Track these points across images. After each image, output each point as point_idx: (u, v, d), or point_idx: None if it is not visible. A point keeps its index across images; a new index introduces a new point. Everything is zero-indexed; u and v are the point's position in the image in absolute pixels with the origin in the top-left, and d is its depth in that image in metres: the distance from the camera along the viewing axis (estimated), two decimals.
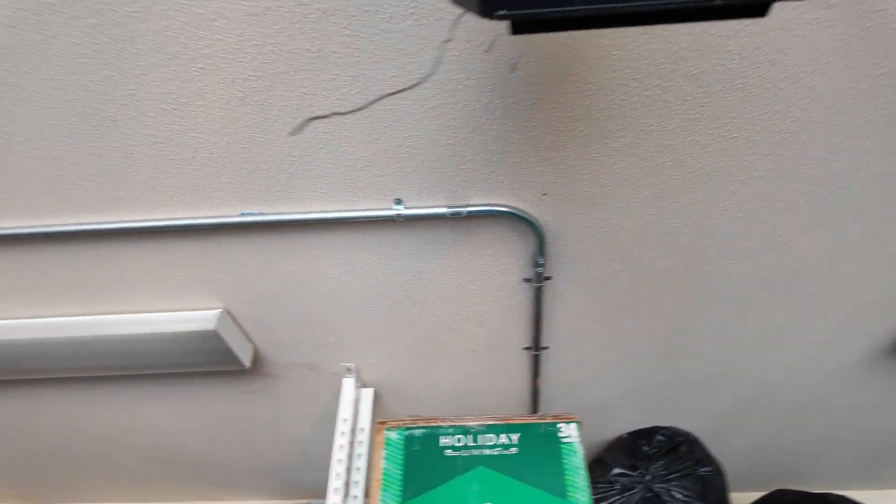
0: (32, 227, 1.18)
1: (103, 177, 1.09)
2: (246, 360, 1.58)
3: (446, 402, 1.92)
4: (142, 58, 0.89)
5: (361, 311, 1.49)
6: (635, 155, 1.07)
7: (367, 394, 1.80)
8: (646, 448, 2.00)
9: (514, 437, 1.30)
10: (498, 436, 1.30)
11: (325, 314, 1.50)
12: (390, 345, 1.64)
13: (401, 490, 1.23)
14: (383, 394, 1.89)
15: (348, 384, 1.74)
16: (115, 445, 2.30)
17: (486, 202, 1.15)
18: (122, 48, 0.87)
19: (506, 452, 1.27)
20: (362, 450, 1.65)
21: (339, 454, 1.59)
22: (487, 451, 1.28)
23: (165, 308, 1.46)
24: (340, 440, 1.62)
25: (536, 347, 1.60)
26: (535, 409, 1.93)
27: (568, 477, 1.21)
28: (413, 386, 1.86)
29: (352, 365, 1.74)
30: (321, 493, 2.72)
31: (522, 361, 1.70)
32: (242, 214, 1.18)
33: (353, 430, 1.67)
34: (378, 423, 1.36)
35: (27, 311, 1.50)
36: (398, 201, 1.15)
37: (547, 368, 1.73)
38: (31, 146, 1.03)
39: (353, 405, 1.71)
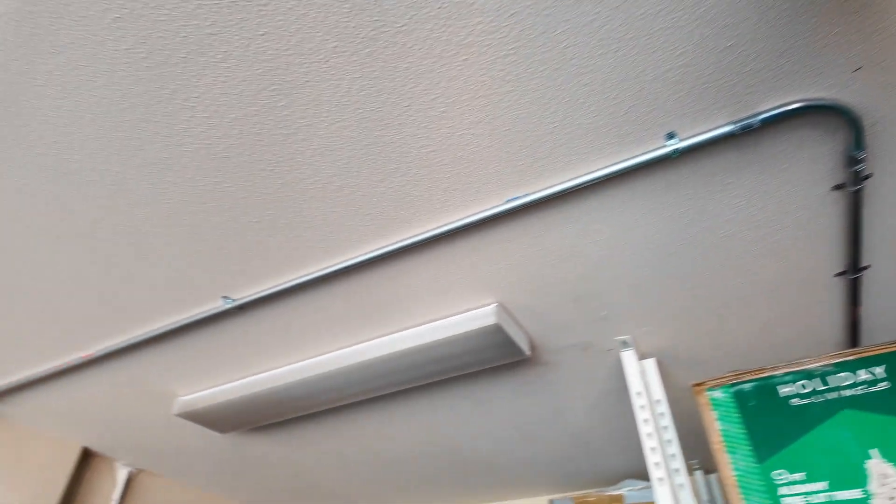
0: (336, 264, 1.35)
1: (386, 200, 1.19)
2: (526, 348, 1.60)
3: (738, 360, 1.72)
4: (411, 70, 0.94)
5: (633, 274, 1.41)
6: None
7: (650, 365, 1.69)
8: None
9: (878, 370, 1.08)
10: (855, 373, 1.10)
11: (595, 286, 1.45)
12: (668, 306, 1.52)
13: (751, 450, 1.10)
14: (666, 363, 1.76)
15: (629, 357, 1.66)
16: (409, 456, 2.52)
17: (778, 103, 0.98)
18: (394, 67, 0.94)
19: (873, 389, 1.06)
20: (666, 421, 1.55)
21: (646, 428, 1.51)
22: (848, 392, 1.08)
23: (442, 315, 1.56)
24: (643, 414, 1.53)
25: (854, 269, 1.34)
26: (854, 344, 1.62)
27: None
28: (698, 348, 1.70)
29: (627, 337, 1.65)
30: (604, 481, 2.66)
31: (834, 291, 1.44)
32: (508, 201, 1.19)
33: (651, 404, 1.57)
34: (693, 385, 1.26)
35: (322, 348, 1.72)
36: (671, 136, 1.05)
37: (869, 294, 1.44)
38: (330, 185, 1.16)
39: (640, 378, 1.62)
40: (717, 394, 1.20)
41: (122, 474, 2.56)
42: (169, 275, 1.39)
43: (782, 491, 1.02)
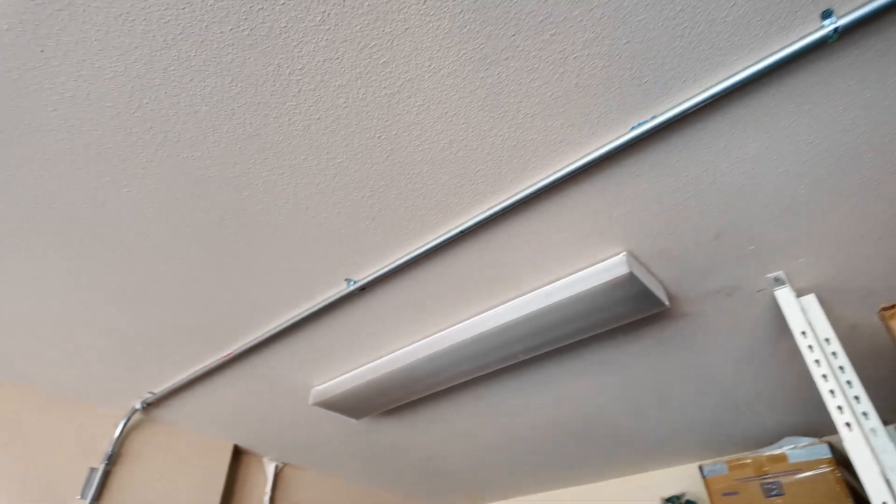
0: (451, 229, 1.30)
1: (497, 151, 1.12)
2: (664, 298, 1.46)
3: None
4: None
5: (784, 196, 1.23)
6: None
7: (811, 301, 1.48)
8: None
9: None
10: None
11: (739, 218, 1.29)
12: (828, 231, 1.32)
13: None
14: (827, 298, 1.54)
15: (785, 295, 1.46)
16: (541, 432, 2.44)
17: None
18: None
19: None
20: (842, 361, 1.35)
21: (819, 370, 1.32)
22: None
23: (567, 272, 1.46)
24: (813, 355, 1.35)
25: None
26: None
27: None
28: (865, 278, 1.47)
29: (780, 273, 1.46)
30: (757, 442, 2.43)
31: None
32: (633, 128, 1.07)
33: (820, 343, 1.38)
34: (882, 310, 1.07)
35: (445, 321, 1.68)
36: (827, 14, 0.89)
37: None
38: (438, 144, 1.11)
39: (802, 315, 1.42)
40: None
41: (270, 469, 2.72)
42: (292, 264, 1.42)
43: None
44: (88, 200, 1.21)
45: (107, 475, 2.10)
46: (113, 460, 2.14)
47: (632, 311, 1.48)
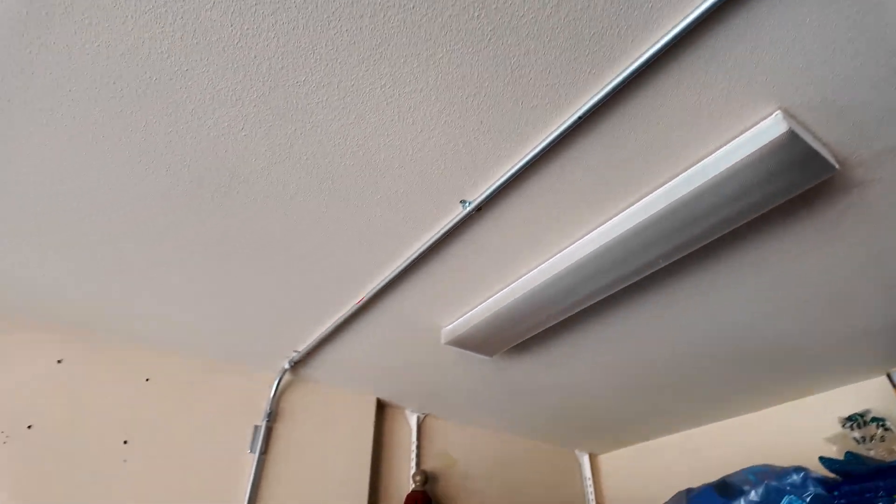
0: (566, 119, 1.18)
1: (612, 6, 0.99)
2: (831, 160, 1.23)
3: None
4: None
5: None
6: None
7: None
8: None
9: None
10: None
11: None
12: None
13: None
14: None
15: None
16: (686, 359, 2.25)
17: None
18: None
19: None
20: None
21: None
22: None
23: (710, 150, 1.28)
24: None
25: None
26: None
27: None
28: None
29: None
30: None
31: None
32: None
33: None
34: None
35: (570, 236, 1.57)
36: None
37: None
38: (544, 10, 1.00)
39: None
40: None
41: (413, 420, 2.81)
42: (406, 191, 1.39)
43: None
44: (216, 152, 1.26)
45: (269, 431, 2.27)
46: (272, 417, 2.31)
47: (793, 183, 1.26)
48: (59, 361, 1.96)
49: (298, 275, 1.71)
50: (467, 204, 1.42)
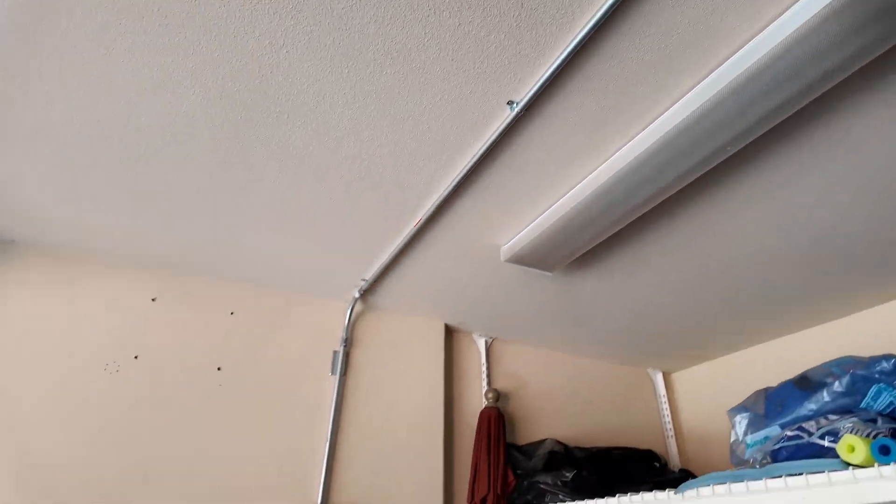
0: None
1: None
2: None
3: None
4: None
5: None
6: None
7: None
8: None
9: None
10: None
11: None
12: None
13: None
14: None
15: None
16: (758, 261, 2.13)
17: None
18: None
19: None
20: None
21: None
22: None
23: (777, 11, 1.16)
24: None
25: None
26: None
27: None
28: None
29: None
30: None
31: None
32: None
33: None
34: None
35: (627, 130, 1.49)
36: None
37: None
38: None
39: None
40: None
41: (481, 344, 2.88)
42: (452, 97, 1.37)
43: None
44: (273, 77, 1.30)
45: (346, 356, 2.42)
46: (348, 343, 2.44)
47: (878, 38, 1.12)
48: (153, 300, 2.15)
49: (357, 201, 1.76)
50: (515, 105, 1.38)
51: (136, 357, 2.02)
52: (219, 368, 2.14)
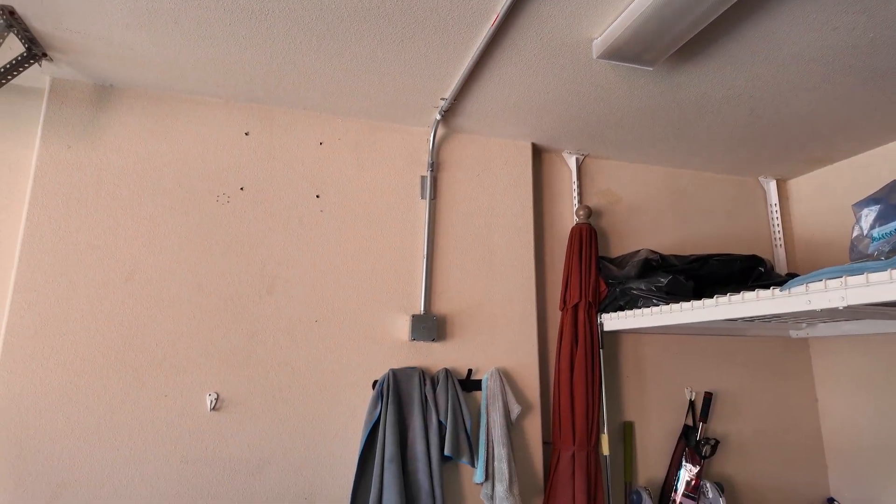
0: None
1: None
2: None
3: None
4: None
5: None
6: None
7: None
8: None
9: None
10: None
11: None
12: None
13: None
14: None
15: None
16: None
17: None
18: None
19: None
20: None
21: None
22: None
23: None
24: None
25: None
26: None
27: None
28: None
29: None
30: None
31: None
32: None
33: None
34: None
35: None
36: None
37: None
38: None
39: None
40: None
41: (571, 162, 2.76)
42: None
43: None
44: None
45: (434, 180, 2.43)
46: (435, 168, 2.45)
47: None
48: (246, 133, 2.24)
49: (426, 12, 1.59)
50: None
51: (241, 188, 2.17)
52: (317, 196, 2.26)
